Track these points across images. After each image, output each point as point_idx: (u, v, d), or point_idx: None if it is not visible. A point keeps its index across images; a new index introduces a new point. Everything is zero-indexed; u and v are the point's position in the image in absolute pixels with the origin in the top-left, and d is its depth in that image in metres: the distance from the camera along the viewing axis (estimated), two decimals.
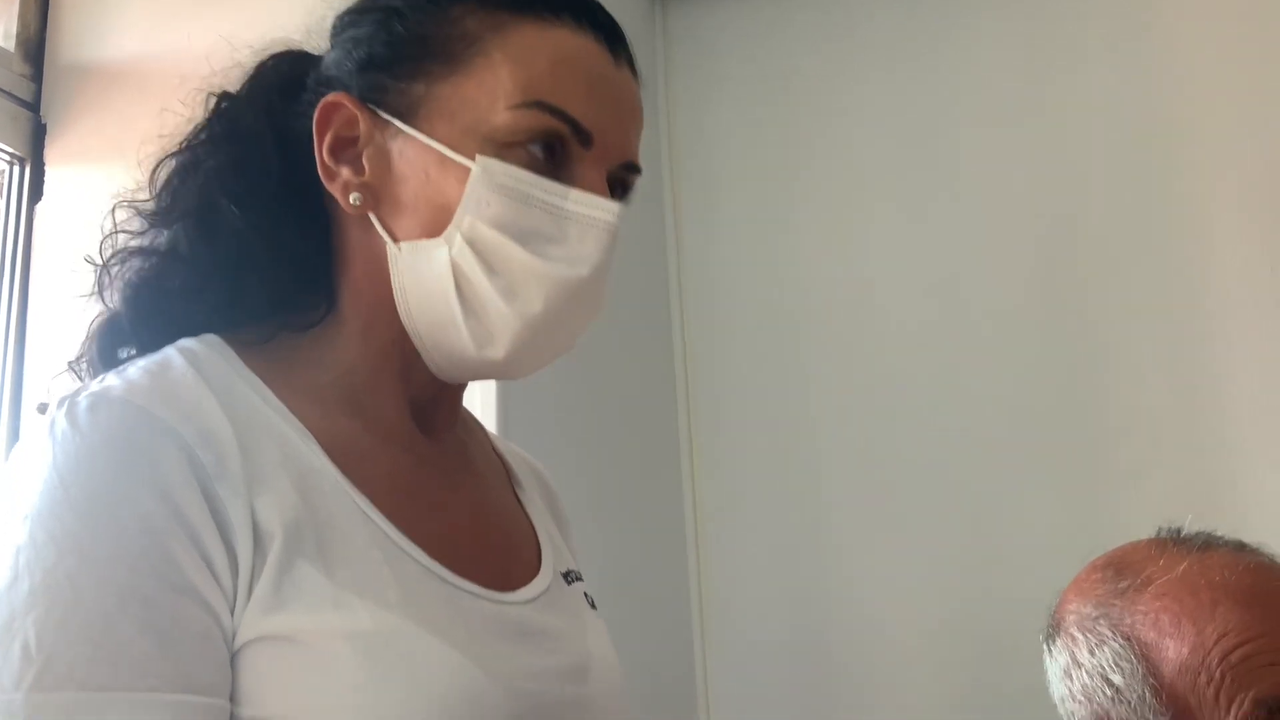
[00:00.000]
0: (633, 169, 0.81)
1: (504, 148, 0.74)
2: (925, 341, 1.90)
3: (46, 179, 1.58)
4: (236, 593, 0.65)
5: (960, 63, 1.97)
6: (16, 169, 1.59)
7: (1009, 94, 1.93)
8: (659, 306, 2.07)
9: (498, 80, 0.74)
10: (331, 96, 0.77)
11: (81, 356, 0.80)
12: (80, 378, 0.79)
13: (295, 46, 0.84)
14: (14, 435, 1.47)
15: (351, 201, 0.76)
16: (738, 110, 2.11)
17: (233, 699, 0.64)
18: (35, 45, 1.63)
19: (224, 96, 0.82)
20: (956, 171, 1.93)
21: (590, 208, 0.75)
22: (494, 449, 0.95)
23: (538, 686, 0.73)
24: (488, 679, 0.69)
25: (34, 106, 1.61)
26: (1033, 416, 1.81)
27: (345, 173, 0.77)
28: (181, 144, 0.81)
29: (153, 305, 0.78)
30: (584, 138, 0.76)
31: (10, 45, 1.61)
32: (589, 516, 1.50)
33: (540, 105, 0.74)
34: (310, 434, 0.72)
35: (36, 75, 1.62)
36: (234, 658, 0.64)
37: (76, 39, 1.63)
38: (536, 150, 0.75)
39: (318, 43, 0.84)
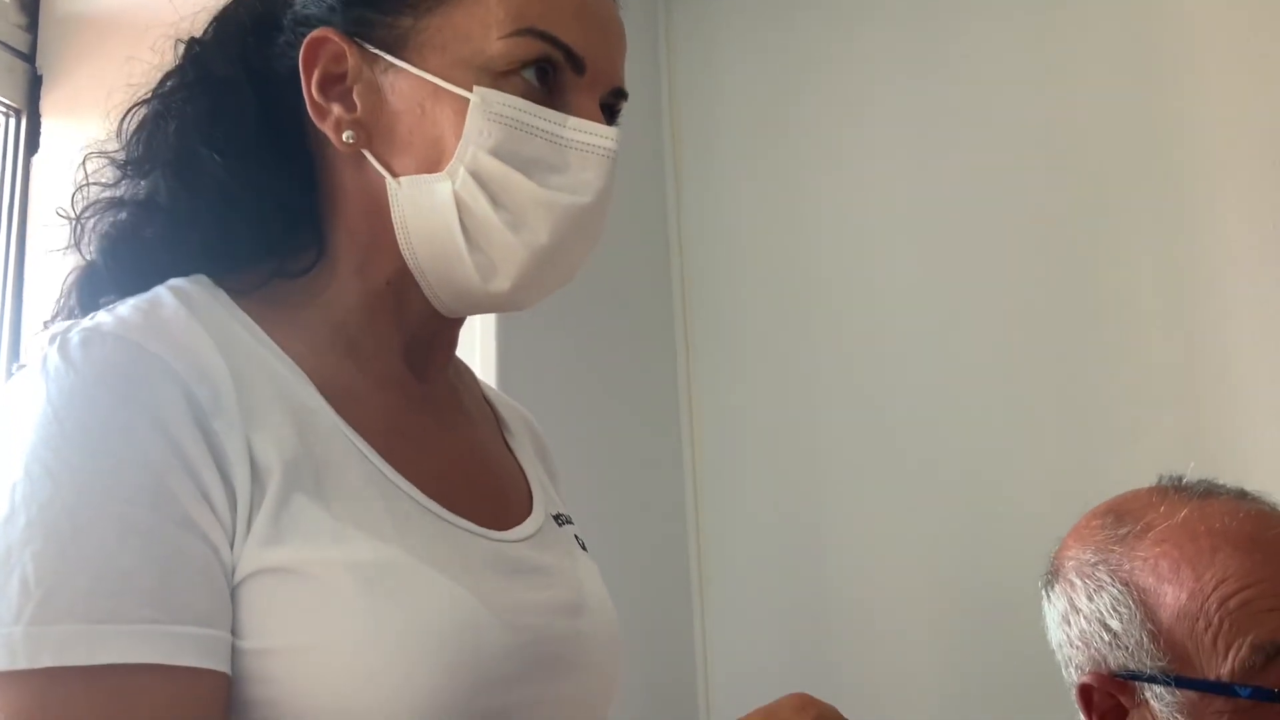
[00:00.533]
0: (621, 95, 0.81)
1: (499, 77, 0.73)
2: (925, 306, 1.89)
3: (42, 131, 1.57)
4: (235, 527, 0.64)
5: (967, 21, 1.95)
6: (12, 121, 1.57)
7: (1016, 55, 1.91)
8: (659, 263, 2.06)
9: (487, 9, 0.74)
10: (317, 32, 0.76)
11: (58, 314, 0.78)
12: None
13: None
14: None
15: (345, 139, 0.75)
16: (739, 70, 2.10)
17: (234, 633, 0.64)
18: None
19: (194, 42, 0.81)
20: (962, 134, 1.91)
21: (590, 135, 0.75)
22: (484, 396, 0.94)
23: (535, 620, 0.73)
24: (487, 611, 0.69)
25: (30, 58, 1.59)
26: (1033, 385, 1.80)
27: (336, 110, 0.76)
28: (151, 92, 0.80)
29: (131, 255, 0.77)
30: (577, 64, 0.75)
31: None
32: (586, 473, 1.50)
33: (533, 32, 0.74)
34: (304, 373, 0.72)
35: (32, 26, 1.61)
36: (234, 592, 0.64)
37: None
38: (531, 78, 0.74)
39: None
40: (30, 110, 1.57)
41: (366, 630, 0.64)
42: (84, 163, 0.80)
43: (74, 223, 0.79)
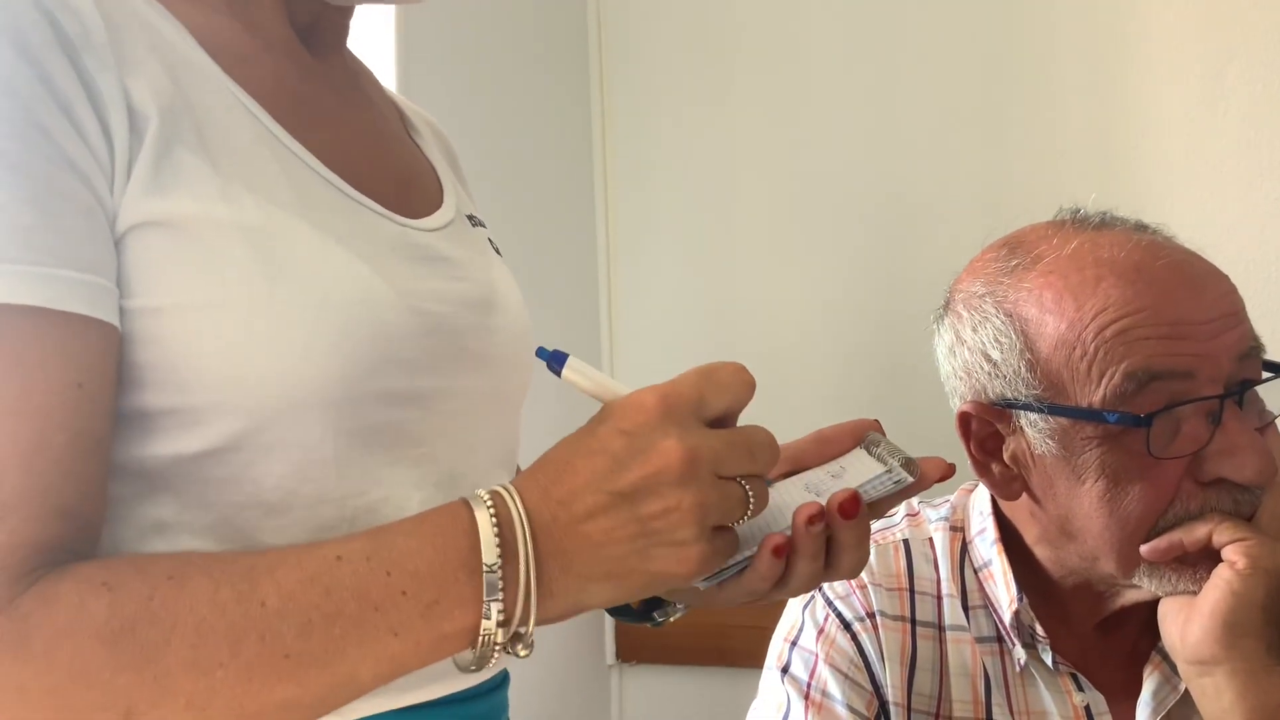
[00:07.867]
0: None
1: None
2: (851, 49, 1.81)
3: None
4: (114, 172, 0.59)
5: None
6: None
7: None
8: None
9: None
10: None
11: None
12: None
13: None
14: None
15: None
16: None
17: (119, 289, 0.59)
18: None
19: None
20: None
21: None
22: (386, 94, 0.88)
23: (441, 308, 0.70)
24: (392, 292, 0.66)
25: None
26: (952, 112, 1.75)
27: None
28: None
29: None
30: None
31: None
32: (488, 173, 1.47)
33: None
34: (184, 26, 0.66)
35: None
36: (117, 244, 0.59)
37: None
38: None
39: None
40: None
41: (260, 293, 0.60)
42: None
43: None
